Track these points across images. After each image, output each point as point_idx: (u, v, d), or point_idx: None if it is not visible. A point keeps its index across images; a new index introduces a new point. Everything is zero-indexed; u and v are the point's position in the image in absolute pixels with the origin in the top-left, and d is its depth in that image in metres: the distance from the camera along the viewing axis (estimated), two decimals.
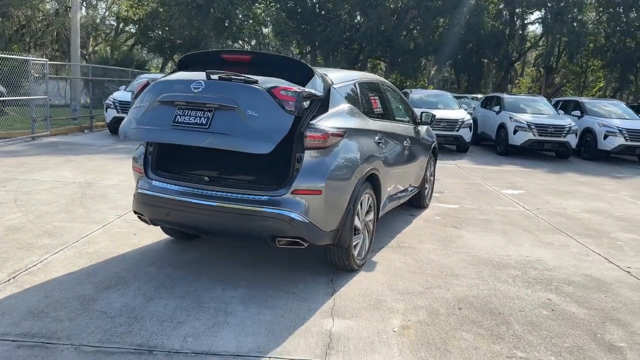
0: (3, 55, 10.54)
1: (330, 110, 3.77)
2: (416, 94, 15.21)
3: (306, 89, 3.50)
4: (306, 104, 3.51)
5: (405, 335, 3.14)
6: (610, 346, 3.16)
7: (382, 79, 5.51)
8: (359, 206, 3.99)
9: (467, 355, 2.94)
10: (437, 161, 7.17)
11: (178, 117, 3.49)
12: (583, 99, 15.29)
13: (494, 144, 14.02)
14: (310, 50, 29.89)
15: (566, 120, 13.02)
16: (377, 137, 4.37)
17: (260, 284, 3.80)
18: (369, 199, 4.22)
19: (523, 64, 42.77)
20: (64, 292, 3.49)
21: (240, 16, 25.13)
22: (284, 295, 3.63)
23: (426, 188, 6.46)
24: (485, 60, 33.65)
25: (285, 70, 3.71)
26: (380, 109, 4.92)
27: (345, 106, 4.01)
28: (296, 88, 3.42)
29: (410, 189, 5.71)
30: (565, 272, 4.46)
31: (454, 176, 9.39)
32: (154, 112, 3.60)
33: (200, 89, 3.45)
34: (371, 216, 4.34)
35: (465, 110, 14.60)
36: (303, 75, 3.71)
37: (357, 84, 4.43)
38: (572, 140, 12.75)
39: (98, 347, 2.81)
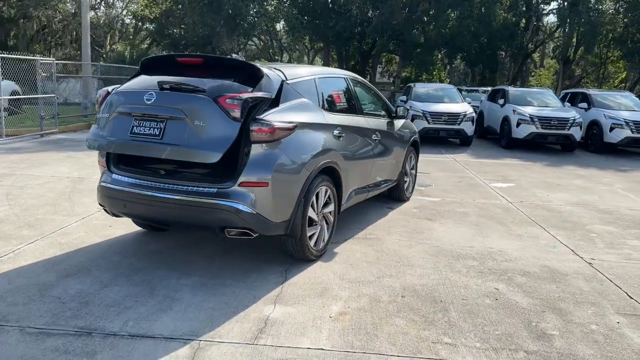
0: (8, 56, 10.93)
1: (282, 105, 3.89)
2: (420, 88, 15.24)
3: (252, 95, 3.63)
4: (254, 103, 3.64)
5: (339, 321, 3.26)
6: (541, 334, 3.21)
7: (351, 74, 5.58)
8: (314, 198, 4.12)
9: (393, 340, 3.04)
10: (434, 155, 7.21)
11: (135, 127, 3.69)
12: (591, 91, 15.00)
13: (499, 138, 13.94)
14: (324, 45, 29.95)
15: (570, 113, 12.83)
16: (336, 131, 4.47)
17: (214, 273, 3.96)
18: (326, 191, 4.33)
19: (542, 56, 41.95)
20: (27, 279, 3.71)
21: (252, 13, 25.34)
22: (234, 283, 3.78)
23: (405, 181, 6.53)
24: (503, 53, 33.14)
25: (236, 72, 3.87)
26: (345, 104, 5.02)
27: (299, 101, 4.12)
28: (242, 95, 3.56)
29: (383, 181, 5.78)
30: (524, 263, 4.50)
31: (448, 170, 9.40)
32: (114, 123, 3.81)
33: (152, 101, 3.63)
34: (331, 208, 4.45)
35: (470, 103, 14.50)
36: (253, 76, 3.84)
37: (316, 80, 4.53)
38: (577, 133, 12.57)
39: (42, 329, 3.01)
